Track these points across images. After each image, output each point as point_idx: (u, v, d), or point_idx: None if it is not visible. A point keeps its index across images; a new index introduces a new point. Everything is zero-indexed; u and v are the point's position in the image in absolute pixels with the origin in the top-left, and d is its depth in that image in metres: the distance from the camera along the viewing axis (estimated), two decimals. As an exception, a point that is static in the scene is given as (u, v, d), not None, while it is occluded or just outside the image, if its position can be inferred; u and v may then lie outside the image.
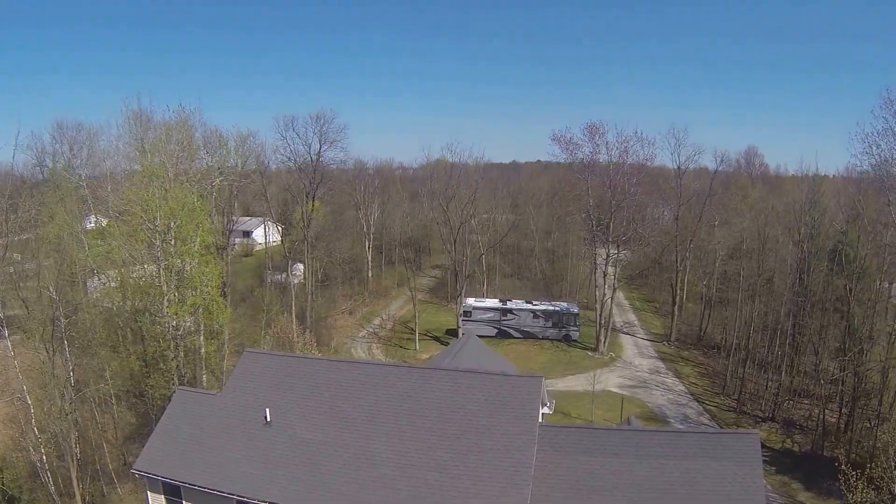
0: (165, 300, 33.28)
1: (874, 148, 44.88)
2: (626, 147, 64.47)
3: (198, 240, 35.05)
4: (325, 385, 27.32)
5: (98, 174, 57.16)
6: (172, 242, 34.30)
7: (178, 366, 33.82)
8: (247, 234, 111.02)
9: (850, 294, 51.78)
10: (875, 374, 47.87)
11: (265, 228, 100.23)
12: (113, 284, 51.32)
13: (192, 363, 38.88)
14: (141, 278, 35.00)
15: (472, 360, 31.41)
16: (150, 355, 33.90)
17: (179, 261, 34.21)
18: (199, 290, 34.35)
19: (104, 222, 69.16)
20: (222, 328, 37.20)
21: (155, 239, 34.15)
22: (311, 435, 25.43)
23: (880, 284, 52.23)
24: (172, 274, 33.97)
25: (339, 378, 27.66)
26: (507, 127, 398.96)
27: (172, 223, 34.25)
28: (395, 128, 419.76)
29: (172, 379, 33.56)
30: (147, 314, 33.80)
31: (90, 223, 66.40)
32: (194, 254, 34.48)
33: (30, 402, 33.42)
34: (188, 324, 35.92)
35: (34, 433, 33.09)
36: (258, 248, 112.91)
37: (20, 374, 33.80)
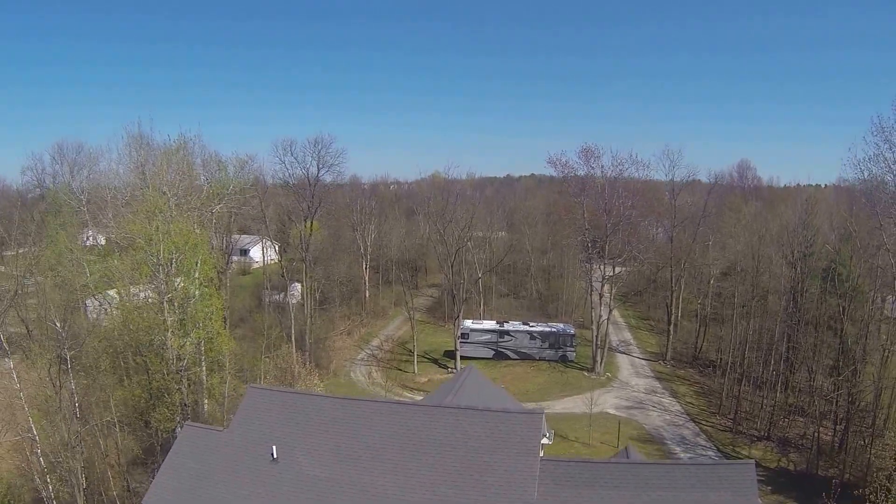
0: (169, 334, 33.82)
1: (865, 173, 45.86)
2: (620, 170, 65.58)
3: (198, 273, 35.61)
4: (330, 422, 27.79)
5: (98, 197, 57.63)
6: (175, 276, 34.88)
7: (182, 399, 34.33)
8: (244, 252, 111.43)
9: (844, 313, 52.76)
10: (868, 393, 48.70)
11: (263, 247, 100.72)
12: (114, 309, 52.09)
13: (194, 392, 39.36)
14: (143, 311, 35.46)
15: (473, 394, 32.02)
16: (154, 388, 34.36)
17: (183, 294, 34.75)
18: (202, 324, 34.90)
19: (102, 240, 69.86)
20: (225, 360, 37.67)
21: (158, 272, 34.70)
22: (317, 472, 25.91)
23: (873, 304, 53.16)
24: (176, 307, 34.52)
25: (343, 415, 28.14)
26: (501, 141, 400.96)
27: (175, 257, 34.84)
28: (388, 142, 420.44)
29: (177, 412, 34.06)
30: (151, 348, 34.30)
31: (88, 240, 66.98)
32: (197, 287, 35.04)
33: (35, 432, 33.86)
34: (191, 354, 36.38)
35: (40, 463, 33.52)
36: (255, 266, 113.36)
37: (25, 405, 34.24)
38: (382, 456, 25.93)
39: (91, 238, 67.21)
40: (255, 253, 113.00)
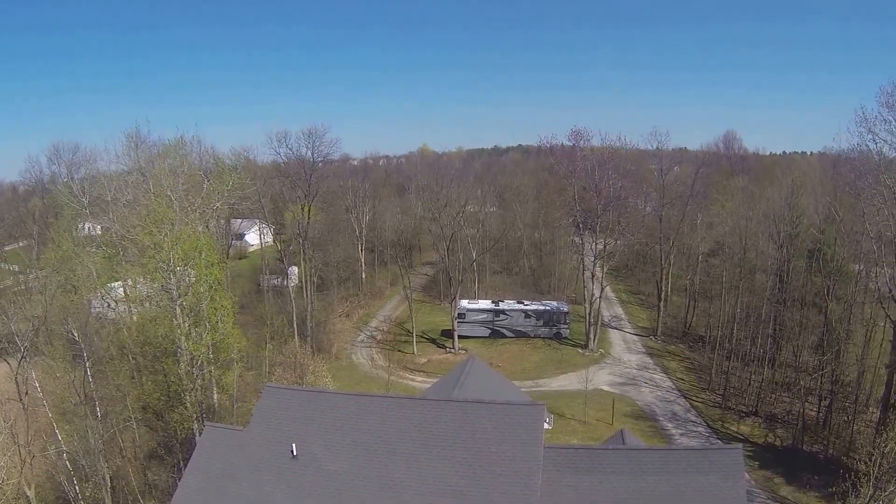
0: (183, 338, 35.17)
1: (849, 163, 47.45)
2: (610, 153, 66.92)
3: (208, 277, 36.81)
4: (345, 418, 29.39)
5: (99, 198, 58.47)
6: (187, 281, 36.11)
7: (198, 400, 35.84)
8: (240, 236, 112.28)
9: (828, 294, 54.74)
10: (852, 371, 50.95)
11: (260, 231, 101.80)
12: (119, 303, 53.38)
13: (204, 387, 40.83)
14: (159, 319, 36.73)
15: (477, 384, 33.78)
16: (172, 391, 35.84)
17: (194, 299, 36.01)
18: (214, 326, 36.28)
19: (98, 229, 70.74)
20: (236, 358, 39.11)
21: (169, 279, 35.88)
22: (336, 466, 27.58)
23: (856, 284, 55.20)
24: (188, 312, 35.81)
25: (357, 411, 29.74)
26: (488, 112, 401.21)
27: (185, 262, 36.02)
28: (375, 116, 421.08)
29: (194, 412, 35.63)
30: (167, 354, 35.69)
31: (85, 230, 67.85)
32: (207, 291, 36.29)
33: (60, 437, 35.42)
34: (204, 354, 37.75)
35: (66, 467, 35.10)
36: (252, 250, 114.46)
37: (49, 412, 35.74)
38: (397, 449, 27.64)
39: (88, 228, 68.16)
40: (251, 237, 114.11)
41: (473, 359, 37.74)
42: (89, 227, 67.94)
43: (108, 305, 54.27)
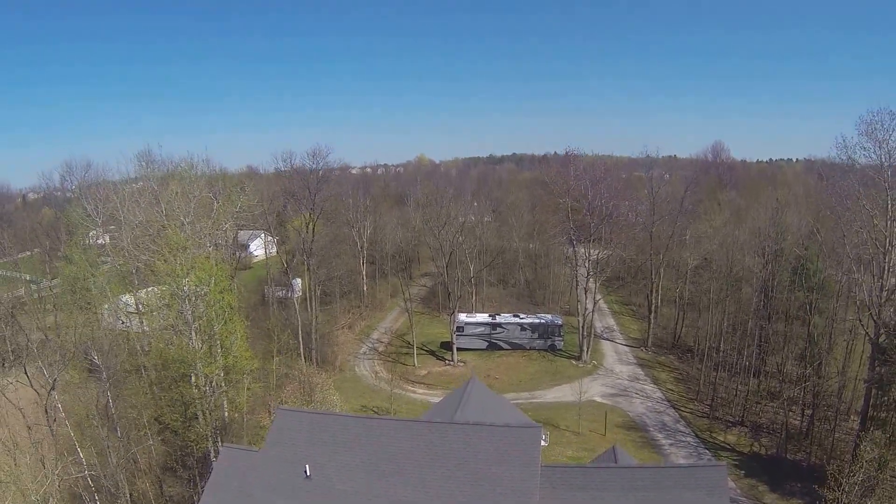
0: (199, 363, 37.27)
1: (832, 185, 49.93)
2: (602, 173, 69.46)
3: (221, 303, 38.91)
4: (355, 440, 31.57)
5: (110, 216, 60.41)
6: (202, 308, 38.20)
7: (213, 420, 37.98)
8: (244, 247, 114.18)
9: (811, 309, 57.24)
10: (833, 381, 53.38)
11: (264, 243, 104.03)
12: (130, 315, 55.42)
13: (218, 408, 42.93)
14: (177, 346, 38.76)
15: (478, 406, 36.05)
16: (190, 414, 37.94)
17: (208, 323, 38.11)
18: (228, 350, 38.42)
19: (107, 238, 72.70)
20: (248, 380, 41.25)
21: (185, 305, 37.96)
22: (348, 486, 29.75)
23: (838, 300, 57.72)
24: (204, 337, 37.93)
25: (366, 433, 31.90)
26: (484, 121, 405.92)
27: (200, 290, 38.12)
28: (375, 126, 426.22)
29: (209, 431, 37.77)
30: (185, 378, 37.81)
31: (95, 240, 69.71)
32: (221, 317, 38.40)
33: (83, 457, 37.47)
34: (218, 376, 39.85)
35: (88, 484, 37.15)
36: (256, 260, 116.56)
37: (72, 432, 37.77)
38: (405, 470, 29.85)
39: (96, 238, 70.04)
40: (254, 247, 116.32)
41: (474, 380, 39.96)
42: (98, 236, 69.83)
43: (121, 320, 56.44)
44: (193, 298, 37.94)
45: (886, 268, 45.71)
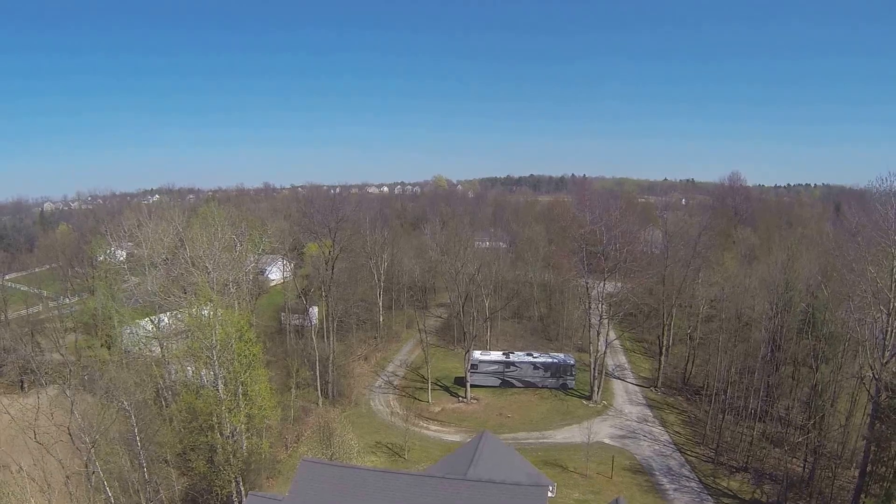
0: (225, 410, 39.82)
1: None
2: (616, 219, 71.78)
3: (246, 356, 41.43)
4: (374, 492, 33.92)
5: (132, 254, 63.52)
6: (228, 358, 40.77)
7: (238, 466, 40.47)
8: (261, 272, 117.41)
9: (817, 358, 58.88)
10: (837, 433, 54.93)
11: (282, 268, 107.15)
12: (149, 340, 58.21)
13: (238, 450, 45.40)
14: (197, 393, 41.37)
15: (490, 462, 38.45)
16: (217, 462, 40.45)
17: (235, 375, 40.64)
18: (252, 399, 40.93)
19: (123, 255, 75.82)
20: (270, 426, 43.75)
21: (212, 356, 40.56)
22: (366, 537, 32.10)
23: (845, 352, 59.35)
24: (229, 386, 40.51)
25: (384, 486, 34.25)
26: (502, 140, 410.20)
27: (227, 342, 40.66)
28: (395, 145, 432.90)
29: (233, 476, 40.28)
30: (212, 428, 40.38)
31: (115, 255, 72.68)
32: (246, 368, 40.92)
33: (109, 491, 40.13)
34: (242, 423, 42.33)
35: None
36: (273, 285, 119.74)
37: (104, 480, 40.45)
38: (419, 522, 32.15)
39: (112, 254, 73.11)
40: (271, 273, 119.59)
41: (486, 435, 42.36)
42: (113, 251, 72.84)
43: (140, 345, 59.30)
44: (220, 348, 40.46)
45: (890, 331, 47.43)
